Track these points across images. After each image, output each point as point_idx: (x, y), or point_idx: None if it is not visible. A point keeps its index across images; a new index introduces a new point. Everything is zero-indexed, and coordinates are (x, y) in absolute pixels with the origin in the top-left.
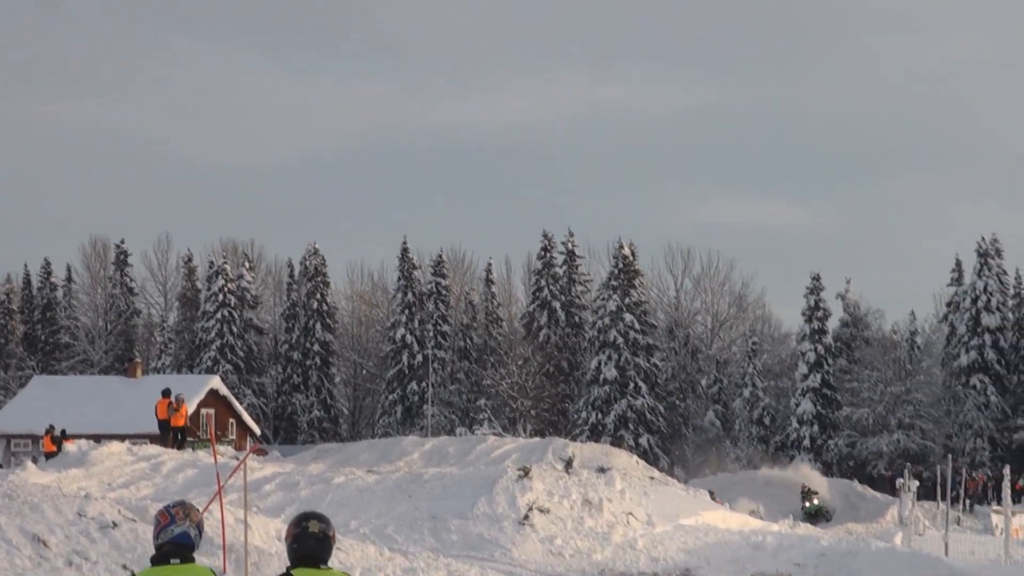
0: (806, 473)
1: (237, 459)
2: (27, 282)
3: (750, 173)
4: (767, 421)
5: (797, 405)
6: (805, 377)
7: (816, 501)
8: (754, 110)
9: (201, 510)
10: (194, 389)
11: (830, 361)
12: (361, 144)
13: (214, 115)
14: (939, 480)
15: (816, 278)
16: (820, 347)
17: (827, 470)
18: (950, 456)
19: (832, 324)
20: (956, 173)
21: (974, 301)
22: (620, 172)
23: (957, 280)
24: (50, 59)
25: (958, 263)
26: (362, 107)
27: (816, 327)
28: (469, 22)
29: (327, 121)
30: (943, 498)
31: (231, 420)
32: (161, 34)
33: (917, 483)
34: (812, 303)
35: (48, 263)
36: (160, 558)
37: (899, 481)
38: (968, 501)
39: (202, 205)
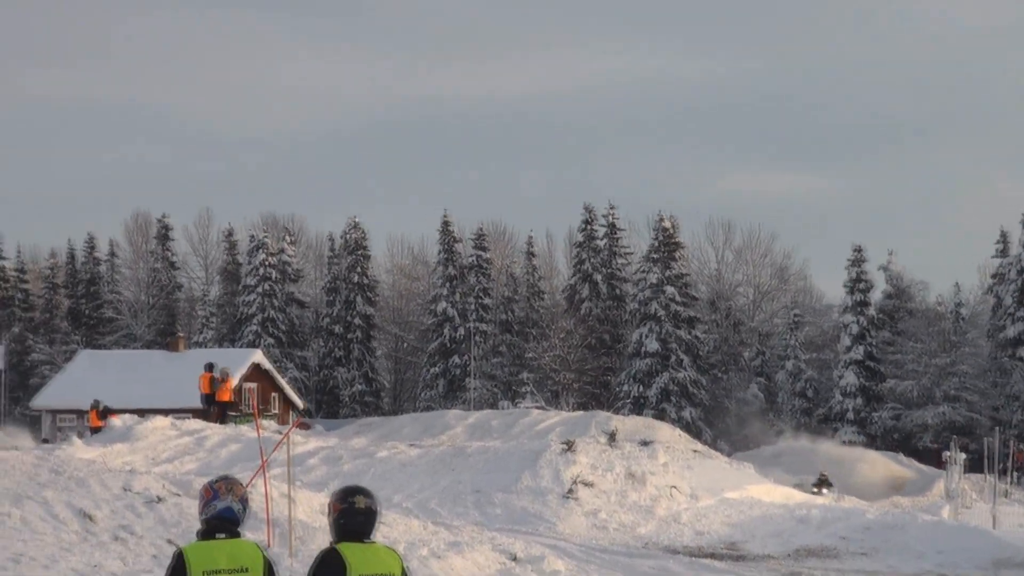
0: (844, 452)
1: (280, 433)
2: (71, 257)
3: (792, 144)
4: (810, 393)
5: (840, 377)
6: (848, 349)
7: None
8: (795, 78)
9: (245, 484)
10: (237, 363)
11: (873, 333)
12: (401, 117)
13: (255, 90)
14: (986, 452)
15: (858, 250)
16: (863, 319)
17: (871, 442)
18: (997, 428)
19: (875, 296)
20: (1001, 142)
21: (1020, 272)
22: (661, 144)
23: (1002, 251)
24: (92, 38)
25: (1003, 234)
26: (402, 79)
27: (859, 299)
28: None
29: (367, 94)
30: (990, 470)
31: (274, 394)
32: (201, 11)
33: (964, 456)
34: (855, 275)
35: (92, 238)
36: (206, 533)
37: (946, 454)
38: (1016, 473)
39: (243, 179)
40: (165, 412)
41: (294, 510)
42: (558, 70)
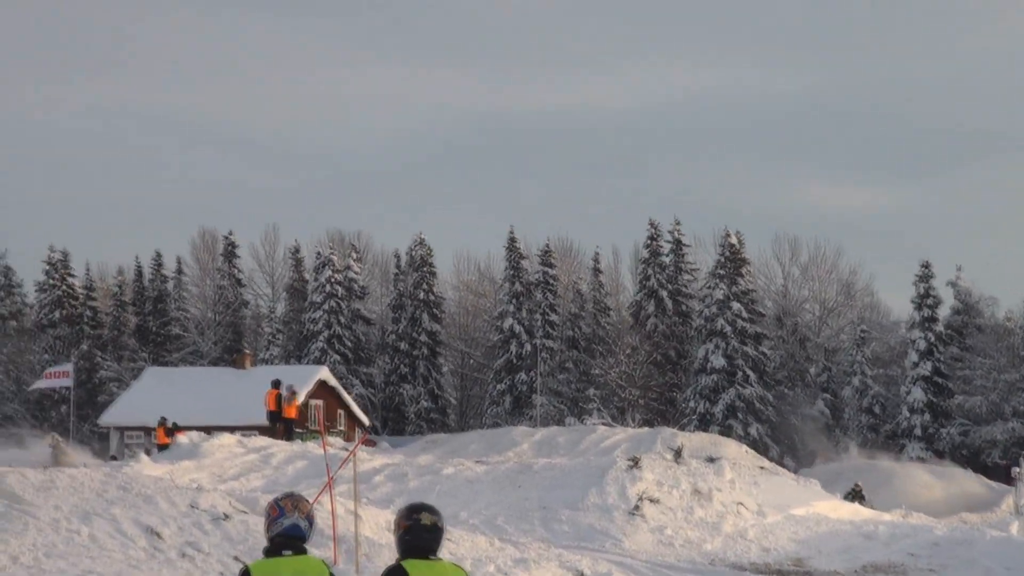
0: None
1: (346, 450)
2: (139, 274)
3: (856, 159)
4: (877, 410)
5: (908, 393)
6: (916, 365)
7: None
8: (860, 93)
9: (311, 502)
10: (303, 380)
11: (941, 349)
12: (465, 133)
13: (320, 107)
14: None
15: (926, 265)
16: (931, 335)
17: (939, 458)
18: None
19: (943, 312)
20: None
21: None
22: (726, 159)
23: None
24: (161, 54)
25: None
26: (468, 95)
27: (927, 315)
28: (570, 7)
29: (431, 111)
30: None
31: (340, 411)
32: (269, 27)
33: None
34: (922, 291)
35: (159, 255)
36: (272, 550)
37: (1015, 470)
38: None
39: (309, 196)
40: (231, 429)
41: (360, 527)
42: (624, 86)
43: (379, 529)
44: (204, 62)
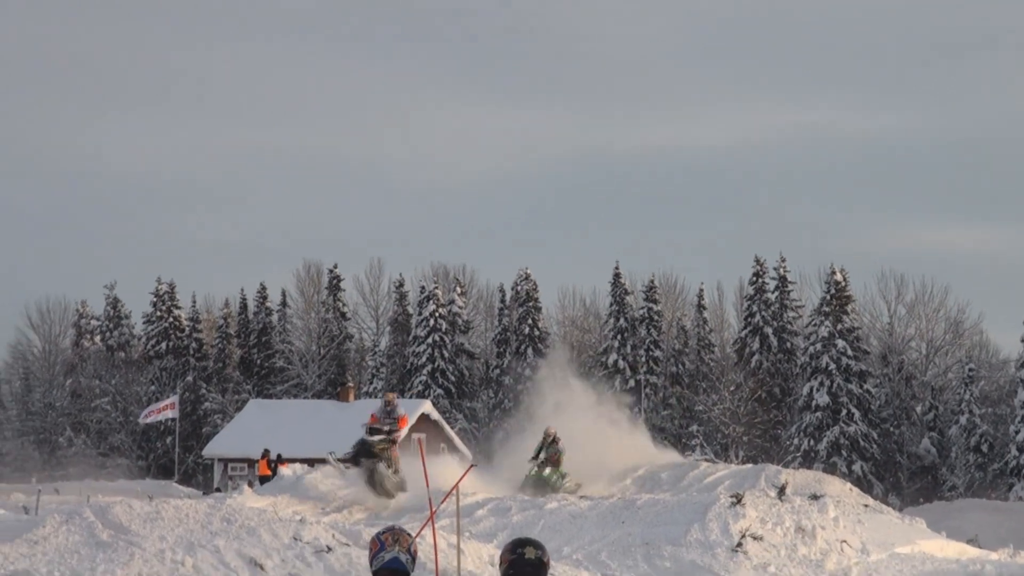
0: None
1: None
2: (243, 307)
3: (962, 196)
4: (984, 448)
5: (1017, 432)
6: None
7: (547, 471)
8: (964, 132)
9: (413, 536)
10: (407, 412)
11: None
12: (569, 170)
13: (424, 142)
14: None
15: None
16: None
17: None
18: None
19: None
20: None
21: None
22: (829, 197)
23: None
24: (263, 89)
25: None
26: (571, 131)
27: None
28: (670, 46)
29: (535, 147)
30: None
31: (442, 444)
32: (375, 64)
33: None
34: None
35: (264, 288)
36: None
37: None
38: None
39: (413, 230)
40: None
41: (463, 561)
42: (727, 124)
43: (481, 563)
44: (316, 99)
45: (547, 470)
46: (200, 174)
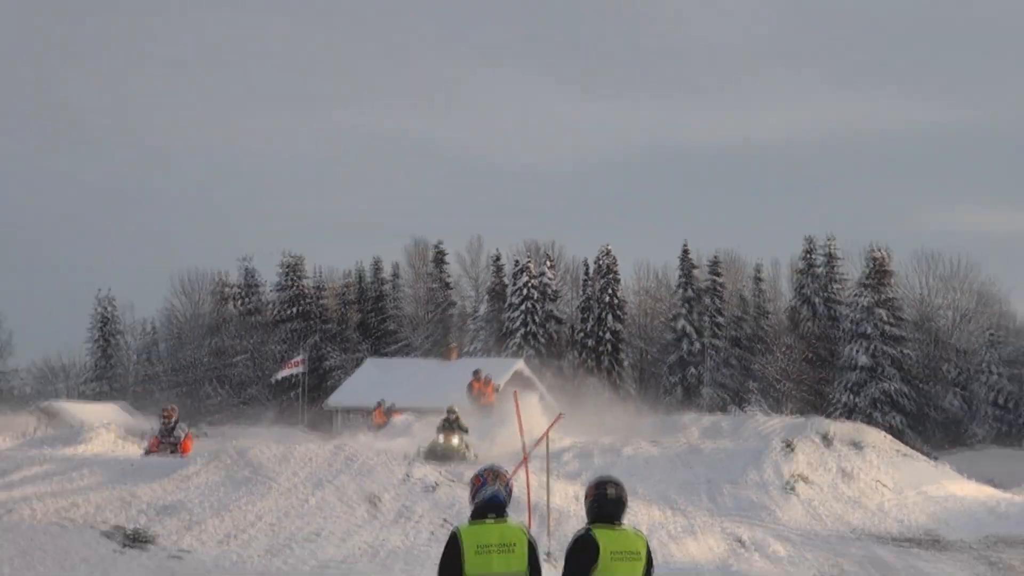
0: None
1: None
2: (361, 278)
3: (994, 184)
4: (1005, 403)
5: None
6: None
7: (455, 441)
8: (999, 125)
9: (509, 474)
10: (502, 371)
11: None
12: (646, 158)
13: (519, 131)
14: None
15: None
16: None
17: None
18: None
19: None
20: None
21: None
22: (877, 182)
23: None
24: (382, 80)
25: None
26: (647, 124)
27: None
28: (737, 39)
29: (618, 137)
30: None
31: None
32: (472, 62)
33: None
34: None
35: (378, 261)
36: (477, 515)
37: None
38: None
39: (509, 210)
40: (438, 412)
41: (551, 498)
42: (788, 116)
43: (567, 499)
44: (421, 89)
45: (455, 440)
46: (323, 161)
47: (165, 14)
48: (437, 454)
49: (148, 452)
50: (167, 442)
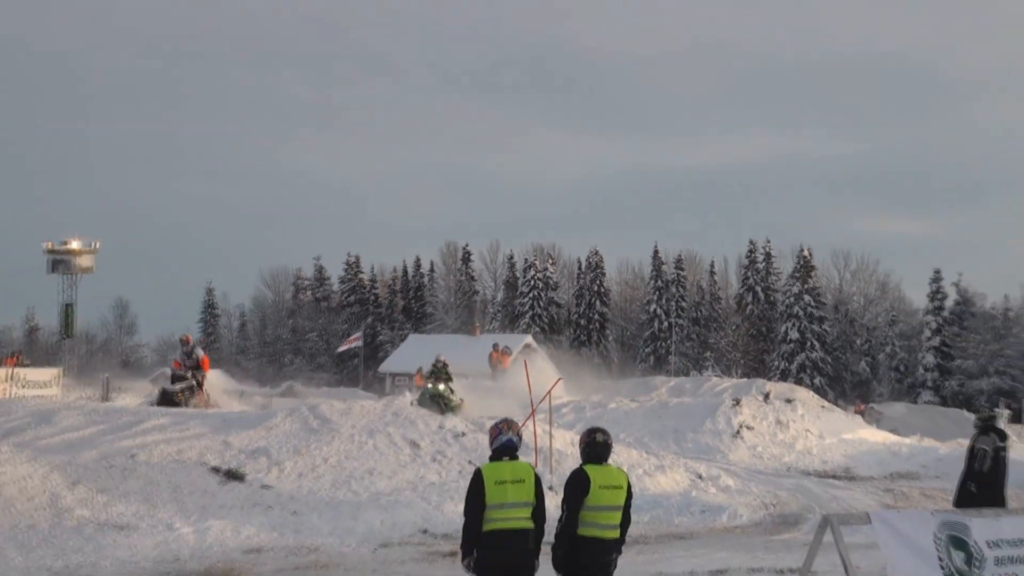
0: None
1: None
2: (404, 272)
3: (886, 197)
4: (902, 368)
5: (923, 358)
6: (929, 339)
7: (441, 387)
8: (907, 152)
9: (519, 424)
10: (514, 344)
11: (946, 328)
12: (628, 181)
13: (525, 160)
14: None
15: (937, 272)
16: (940, 319)
17: (944, 402)
18: None
19: (948, 303)
20: None
21: None
22: (802, 197)
23: None
24: (432, 122)
25: None
26: (626, 153)
27: (937, 305)
28: (693, 92)
29: (604, 162)
30: None
31: (539, 365)
32: (500, 117)
33: (1008, 411)
34: (934, 289)
35: (418, 259)
36: (495, 456)
37: (996, 410)
38: None
39: (520, 220)
40: (466, 376)
41: (553, 443)
42: (736, 147)
43: (566, 444)
44: (450, 131)
45: (441, 386)
46: (375, 179)
47: (264, 61)
48: (427, 398)
49: (172, 371)
50: (187, 364)
